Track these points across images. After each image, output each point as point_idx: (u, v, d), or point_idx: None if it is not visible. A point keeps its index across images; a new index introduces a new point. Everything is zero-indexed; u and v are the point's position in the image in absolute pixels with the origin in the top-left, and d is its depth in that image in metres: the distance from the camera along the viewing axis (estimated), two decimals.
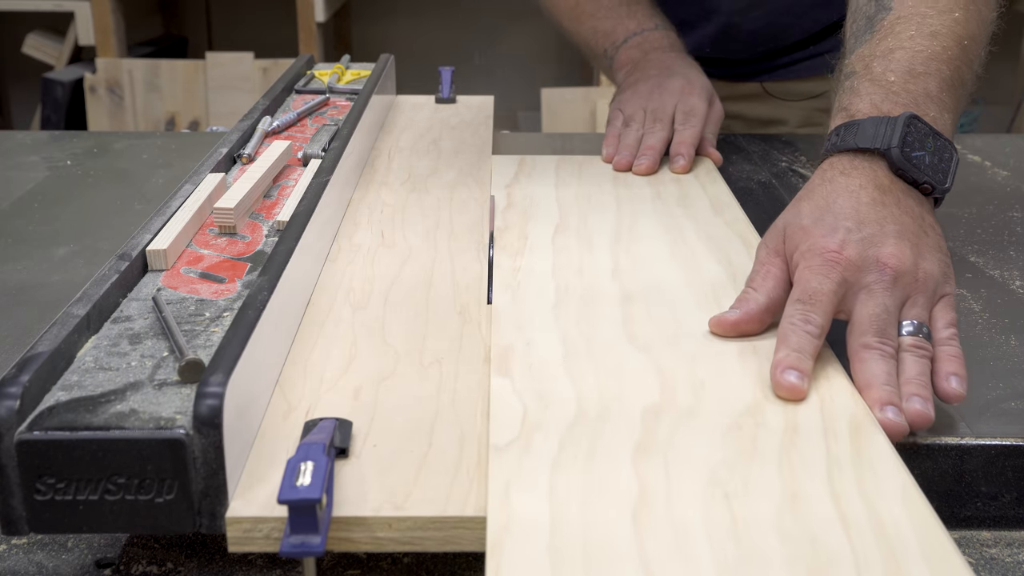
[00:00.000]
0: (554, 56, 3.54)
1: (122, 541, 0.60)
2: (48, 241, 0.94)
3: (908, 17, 0.78)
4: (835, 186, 0.71)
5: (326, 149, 0.94)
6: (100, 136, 1.31)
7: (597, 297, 0.75)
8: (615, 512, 0.51)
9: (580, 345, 0.68)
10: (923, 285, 0.67)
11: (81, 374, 0.57)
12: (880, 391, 0.61)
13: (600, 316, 0.72)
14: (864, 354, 0.63)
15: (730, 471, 0.54)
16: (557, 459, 0.55)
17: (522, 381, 0.63)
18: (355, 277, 0.79)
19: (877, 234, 0.67)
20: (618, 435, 0.57)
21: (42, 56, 3.14)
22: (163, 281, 0.69)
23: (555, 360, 0.66)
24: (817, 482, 0.54)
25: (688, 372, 0.64)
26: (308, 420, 0.59)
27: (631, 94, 1.11)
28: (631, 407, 0.60)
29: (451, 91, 1.29)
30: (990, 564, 0.61)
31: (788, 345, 0.63)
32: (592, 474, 0.54)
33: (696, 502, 0.52)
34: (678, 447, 0.56)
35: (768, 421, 0.59)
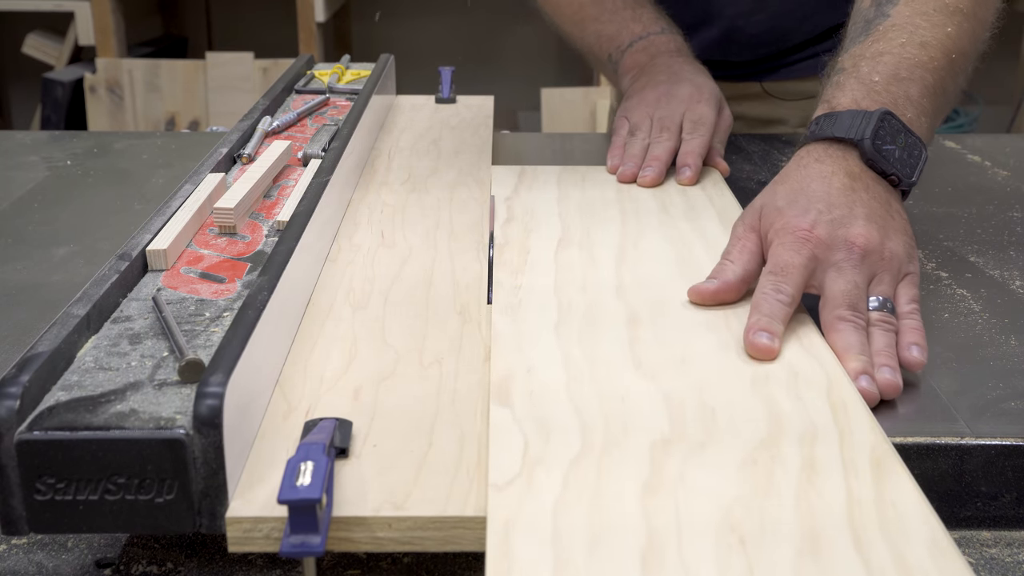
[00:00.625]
0: (554, 56, 3.54)
1: (122, 541, 0.60)
2: (48, 241, 0.94)
3: (902, 26, 0.82)
4: (809, 171, 0.76)
5: (326, 149, 0.94)
6: (100, 136, 1.31)
7: (601, 316, 0.72)
8: (623, 558, 0.48)
9: (584, 370, 0.65)
10: (888, 264, 0.72)
11: (81, 374, 0.57)
12: (856, 361, 0.66)
13: (605, 337, 0.69)
14: (839, 325, 0.68)
15: (745, 511, 0.51)
16: (561, 498, 0.52)
17: (523, 410, 0.60)
18: (355, 277, 0.79)
19: (847, 216, 0.72)
20: (625, 471, 0.54)
21: (42, 56, 3.14)
22: (163, 281, 0.69)
23: (558, 387, 0.63)
24: (839, 526, 0.50)
25: (698, 400, 0.61)
26: (308, 420, 0.59)
27: (637, 101, 1.08)
28: (639, 440, 0.57)
29: (451, 91, 1.29)
30: (990, 564, 0.61)
31: (760, 311, 0.68)
32: (598, 515, 0.51)
33: (709, 547, 0.48)
34: (689, 485, 0.53)
35: (785, 455, 0.56)
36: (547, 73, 3.50)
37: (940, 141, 1.28)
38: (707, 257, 0.81)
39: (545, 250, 0.83)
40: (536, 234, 0.87)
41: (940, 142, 1.28)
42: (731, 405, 0.61)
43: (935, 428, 0.63)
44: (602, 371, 0.65)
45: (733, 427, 0.58)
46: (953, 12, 0.83)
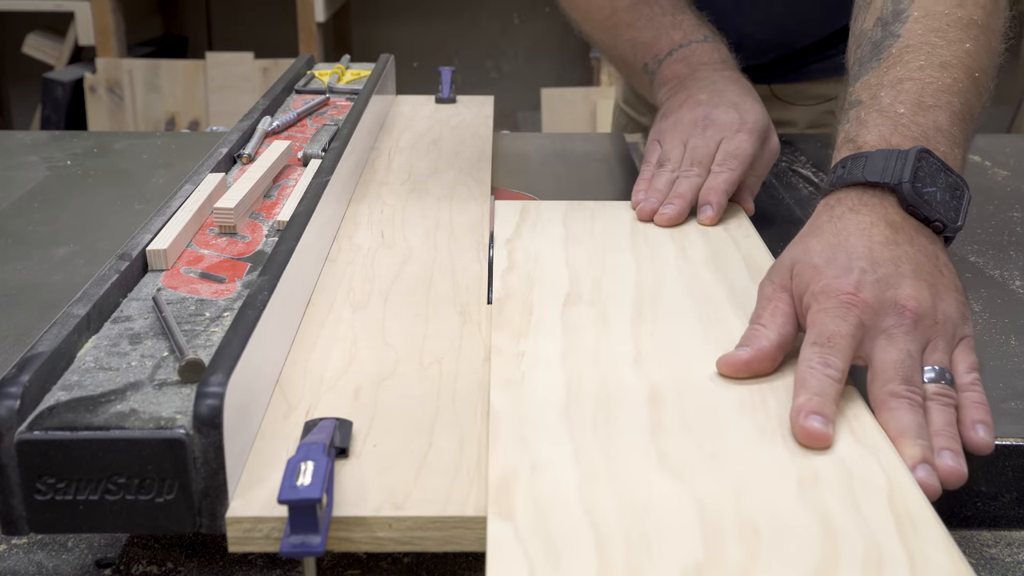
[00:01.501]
0: (554, 56, 3.54)
1: (122, 541, 0.60)
2: (48, 241, 0.94)
3: (917, 46, 0.76)
4: (845, 223, 0.68)
5: (326, 149, 0.94)
6: (100, 136, 1.31)
7: (617, 395, 0.62)
8: None
9: (599, 466, 0.55)
10: (943, 328, 0.64)
11: (81, 374, 0.57)
12: (913, 447, 0.57)
13: (622, 423, 0.59)
14: (892, 403, 0.59)
15: None
16: None
17: (527, 525, 0.50)
18: (355, 277, 0.79)
19: (893, 275, 0.64)
20: None
21: (42, 56, 3.14)
22: (163, 281, 0.69)
23: (568, 490, 0.53)
24: None
25: (735, 511, 0.51)
26: (308, 420, 0.59)
27: (672, 124, 0.96)
28: (667, 565, 0.47)
29: (451, 91, 1.29)
30: (990, 564, 0.61)
31: (809, 389, 0.59)
32: None
33: None
34: None
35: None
36: (547, 73, 3.50)
37: None
38: (735, 315, 0.71)
39: (551, 307, 0.73)
40: (540, 287, 0.76)
41: None
42: (776, 517, 0.51)
43: None
44: (620, 467, 0.55)
45: (780, 547, 0.48)
46: (968, 25, 0.77)
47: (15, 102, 3.59)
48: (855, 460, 0.56)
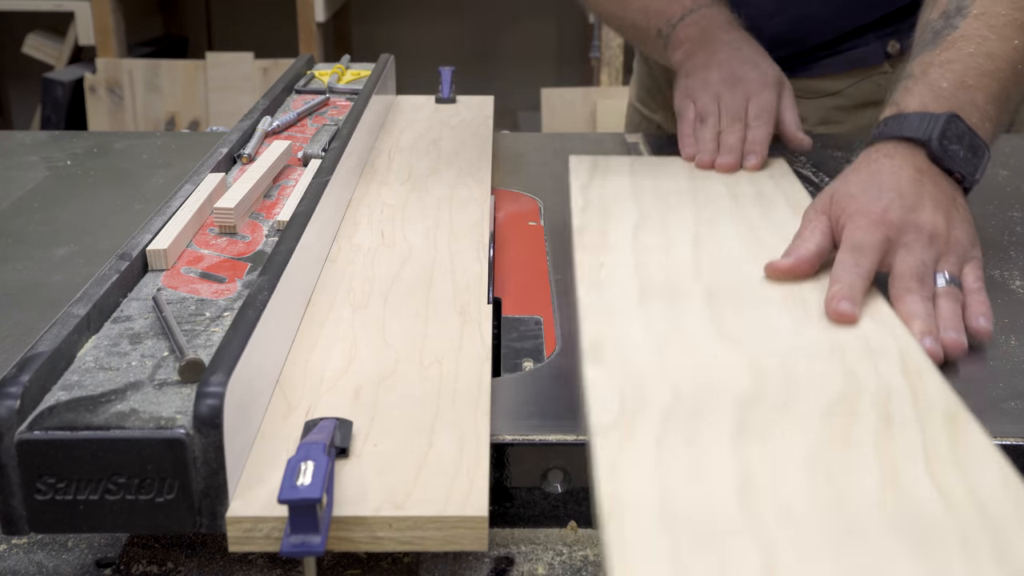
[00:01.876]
0: (554, 56, 3.54)
1: (122, 541, 0.60)
2: (48, 241, 0.94)
3: (970, 36, 0.87)
4: (880, 166, 0.81)
5: (326, 149, 0.94)
6: (100, 136, 1.31)
7: (682, 294, 0.75)
8: (721, 489, 0.52)
9: (670, 336, 0.68)
10: (954, 247, 0.77)
11: (81, 374, 0.57)
12: (922, 323, 0.70)
13: (686, 311, 0.72)
14: (906, 296, 0.73)
15: (828, 453, 0.55)
16: (660, 441, 0.56)
17: (616, 369, 0.64)
18: (355, 277, 0.79)
19: (916, 204, 0.77)
20: (716, 421, 0.58)
21: (42, 56, 3.14)
22: (163, 281, 0.69)
23: (646, 351, 0.67)
24: (915, 465, 0.54)
25: (780, 364, 0.65)
26: (308, 420, 0.59)
27: (702, 82, 1.09)
28: (725, 397, 0.61)
29: (451, 91, 1.29)
30: None
31: (841, 281, 0.73)
32: (694, 455, 0.55)
33: (799, 480, 0.53)
34: (776, 433, 0.57)
35: (862, 411, 0.60)
36: (547, 73, 3.50)
37: None
38: (778, 241, 0.83)
39: (623, 234, 0.86)
40: (613, 220, 0.90)
41: None
42: (810, 368, 0.64)
43: None
44: (687, 338, 0.69)
45: (813, 385, 0.62)
46: (1020, 27, 0.87)
47: (15, 102, 3.59)
48: (874, 335, 0.69)
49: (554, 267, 0.87)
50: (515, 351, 0.74)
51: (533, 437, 0.62)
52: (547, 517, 0.63)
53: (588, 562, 0.60)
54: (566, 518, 0.63)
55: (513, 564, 0.60)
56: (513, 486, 0.63)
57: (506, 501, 0.63)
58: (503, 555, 0.61)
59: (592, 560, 0.61)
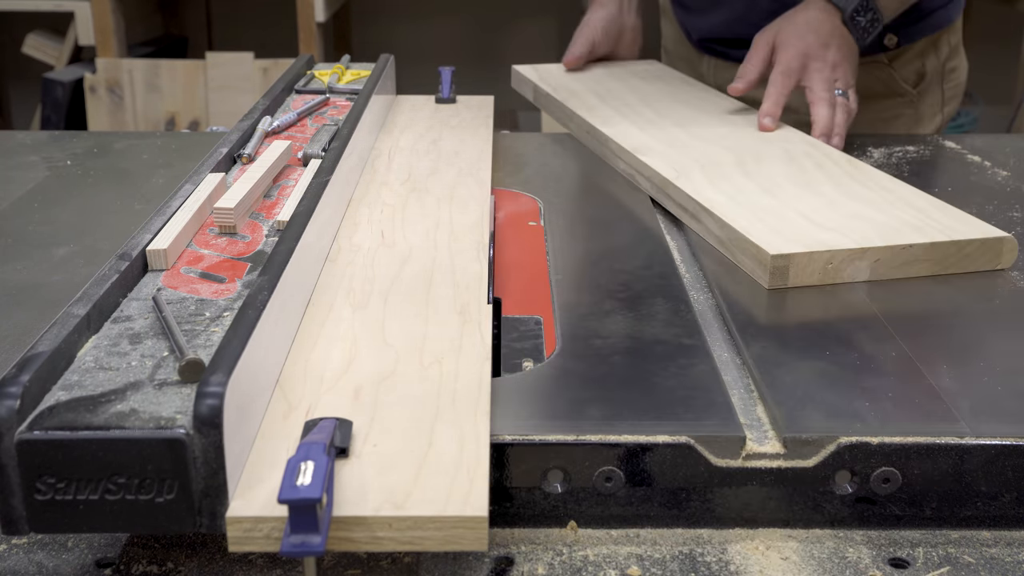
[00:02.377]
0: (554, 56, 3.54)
1: (122, 541, 0.60)
2: (48, 241, 0.94)
3: None
4: (809, 16, 1.21)
5: (326, 149, 0.94)
6: (100, 136, 1.31)
7: (717, 164, 1.05)
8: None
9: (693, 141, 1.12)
10: (845, 76, 1.19)
11: (81, 374, 0.57)
12: (823, 125, 1.16)
13: (724, 172, 1.03)
14: (819, 104, 1.16)
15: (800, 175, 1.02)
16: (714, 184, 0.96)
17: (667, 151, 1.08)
18: (355, 277, 0.79)
19: (826, 40, 1.19)
20: (731, 171, 1.04)
21: (42, 56, 3.14)
22: (163, 281, 0.69)
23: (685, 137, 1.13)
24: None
25: (750, 150, 1.09)
26: (308, 420, 0.59)
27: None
28: (728, 160, 1.07)
29: (451, 91, 1.29)
30: (990, 564, 0.61)
31: (769, 99, 1.17)
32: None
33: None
34: (766, 166, 1.04)
35: (802, 163, 1.05)
36: None
37: (940, 141, 1.28)
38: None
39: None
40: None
41: (940, 142, 1.28)
42: (770, 150, 1.09)
43: (935, 428, 0.63)
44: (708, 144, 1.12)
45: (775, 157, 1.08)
46: None
47: (15, 102, 3.59)
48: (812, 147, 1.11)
49: (554, 267, 0.87)
50: (515, 351, 0.74)
51: (533, 437, 0.62)
52: (547, 517, 0.63)
53: (588, 562, 0.60)
54: (566, 518, 0.64)
55: (513, 564, 0.60)
56: (513, 486, 0.63)
57: (506, 501, 0.63)
58: (503, 555, 0.61)
59: (592, 560, 0.61)
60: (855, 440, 0.62)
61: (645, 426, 0.63)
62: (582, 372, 0.70)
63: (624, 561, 0.61)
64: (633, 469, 0.63)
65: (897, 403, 0.67)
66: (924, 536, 0.64)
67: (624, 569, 0.60)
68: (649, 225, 0.98)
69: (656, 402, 0.66)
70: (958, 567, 0.61)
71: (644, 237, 0.95)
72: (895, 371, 0.71)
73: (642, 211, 1.01)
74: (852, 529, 0.64)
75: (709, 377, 0.69)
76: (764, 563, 0.61)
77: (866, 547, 0.62)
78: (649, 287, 0.84)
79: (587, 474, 0.63)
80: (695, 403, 0.66)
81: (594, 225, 0.97)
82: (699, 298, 0.85)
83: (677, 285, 0.84)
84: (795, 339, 0.76)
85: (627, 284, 0.84)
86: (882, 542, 0.63)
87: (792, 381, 0.70)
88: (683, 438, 0.62)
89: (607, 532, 0.63)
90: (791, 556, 0.61)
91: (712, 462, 0.63)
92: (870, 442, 0.62)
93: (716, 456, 0.63)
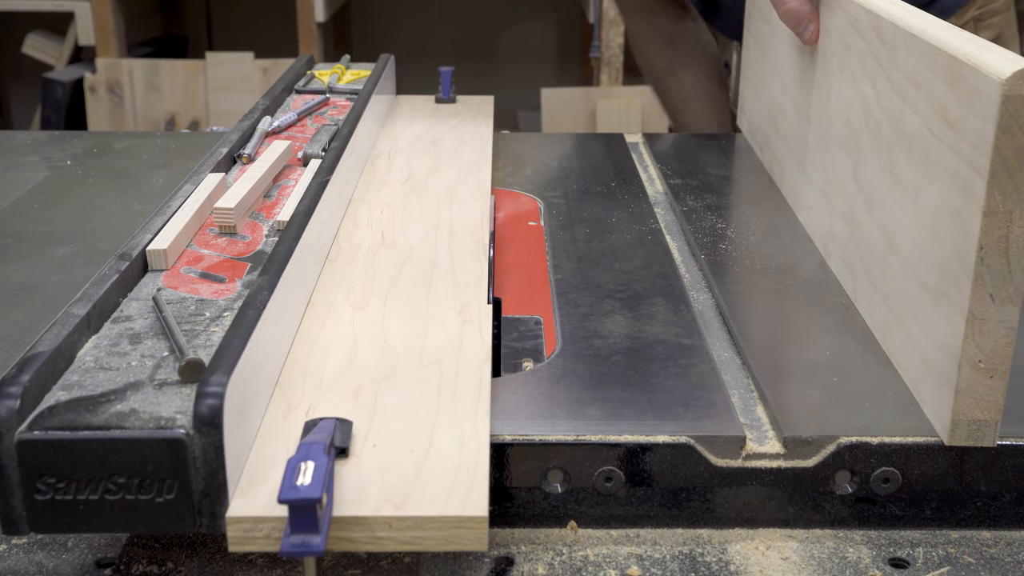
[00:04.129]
0: (554, 56, 3.54)
1: (122, 541, 0.60)
2: (48, 241, 0.94)
3: None
4: None
5: (326, 149, 0.94)
6: (100, 136, 1.31)
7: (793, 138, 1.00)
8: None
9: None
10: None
11: (81, 374, 0.57)
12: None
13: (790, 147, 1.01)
14: None
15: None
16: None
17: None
18: (355, 277, 0.79)
19: None
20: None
21: (42, 56, 3.14)
22: (163, 281, 0.69)
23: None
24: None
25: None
26: (308, 420, 0.59)
27: None
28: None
29: (451, 91, 1.29)
30: (990, 564, 0.61)
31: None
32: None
33: None
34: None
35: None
36: (547, 73, 3.50)
37: None
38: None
39: None
40: None
41: None
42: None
43: (935, 428, 0.63)
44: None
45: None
46: None
47: (15, 102, 3.59)
48: None
49: (554, 267, 0.87)
50: (515, 351, 0.74)
51: (533, 437, 0.62)
52: (547, 517, 0.64)
53: (588, 562, 0.60)
54: (566, 518, 0.64)
55: (513, 564, 0.60)
56: (513, 486, 0.63)
57: (506, 501, 0.63)
58: (503, 555, 0.61)
59: (592, 560, 0.61)
60: (855, 440, 0.62)
61: (645, 426, 0.63)
62: (582, 372, 0.70)
63: (624, 561, 0.61)
64: (633, 469, 0.63)
65: (897, 402, 0.67)
66: (924, 536, 0.64)
67: (624, 569, 0.60)
68: (649, 225, 0.98)
69: (656, 402, 0.66)
70: (958, 567, 0.61)
71: (644, 237, 0.95)
72: (895, 370, 0.71)
73: (642, 211, 1.01)
74: (852, 529, 0.64)
75: (709, 377, 0.69)
76: (764, 563, 0.61)
77: (866, 547, 0.62)
78: (649, 287, 0.84)
79: (587, 474, 0.63)
80: (695, 403, 0.66)
81: (594, 225, 0.97)
82: (699, 298, 0.85)
83: (677, 285, 0.84)
84: (795, 339, 0.76)
85: (627, 284, 0.84)
86: (882, 542, 0.63)
87: (792, 381, 0.70)
88: (683, 438, 0.62)
89: (607, 532, 0.63)
90: (791, 556, 0.61)
91: (712, 462, 0.63)
92: (870, 442, 0.62)
93: (716, 456, 0.63)
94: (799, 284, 0.84)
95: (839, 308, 0.80)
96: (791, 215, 0.98)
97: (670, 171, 1.13)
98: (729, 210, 1.01)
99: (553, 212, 1.00)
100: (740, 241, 0.93)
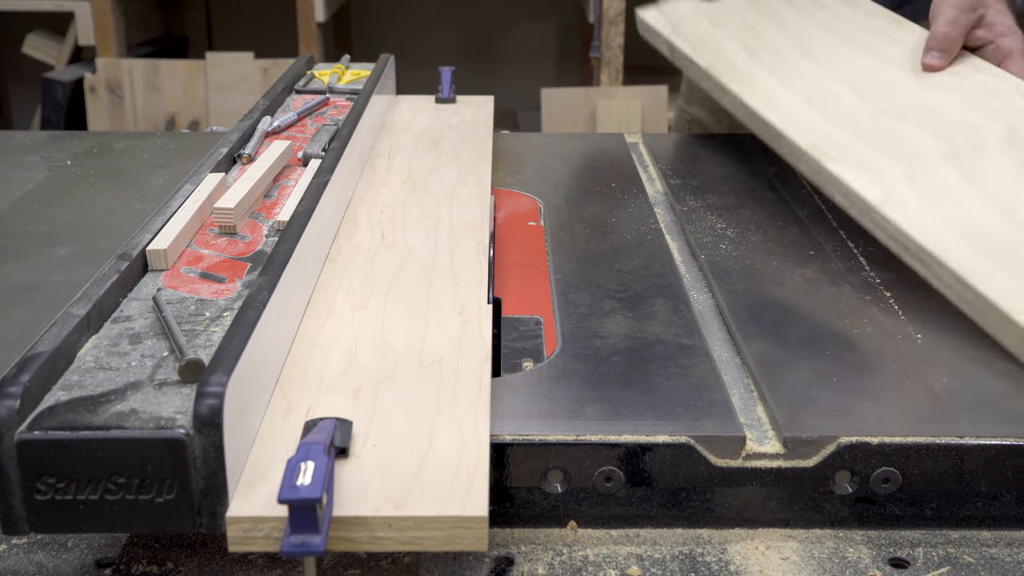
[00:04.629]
0: (554, 56, 3.54)
1: (122, 541, 0.60)
2: (48, 241, 0.94)
3: None
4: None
5: (326, 149, 0.94)
6: (100, 136, 1.31)
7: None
8: None
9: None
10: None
11: (81, 374, 0.57)
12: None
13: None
14: (1016, 56, 1.05)
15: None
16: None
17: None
18: (355, 277, 0.79)
19: (992, 5, 1.06)
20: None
21: (42, 56, 3.14)
22: (163, 281, 0.69)
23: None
24: None
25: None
26: (308, 420, 0.59)
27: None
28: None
29: (451, 91, 1.29)
30: (990, 564, 0.61)
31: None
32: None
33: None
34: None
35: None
36: (547, 73, 3.50)
37: None
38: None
39: None
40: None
41: None
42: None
43: (935, 428, 0.63)
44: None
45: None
46: None
47: (15, 102, 3.59)
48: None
49: (554, 267, 0.87)
50: (515, 351, 0.74)
51: (533, 437, 0.62)
52: (547, 517, 0.64)
53: (588, 562, 0.60)
54: (566, 518, 0.64)
55: (513, 564, 0.60)
56: (513, 486, 0.63)
57: (506, 501, 0.63)
58: (503, 555, 0.61)
59: (592, 560, 0.61)
60: (855, 440, 0.62)
61: (645, 426, 0.63)
62: (582, 372, 0.70)
63: (624, 561, 0.61)
64: (633, 469, 0.63)
65: (897, 402, 0.67)
66: (924, 536, 0.64)
67: (624, 569, 0.60)
68: (649, 225, 0.98)
69: (656, 402, 0.66)
70: (958, 567, 0.61)
71: (644, 237, 0.95)
72: (895, 370, 0.71)
73: (642, 211, 1.01)
74: (852, 529, 0.64)
75: (709, 377, 0.69)
76: (764, 563, 0.61)
77: (866, 547, 0.62)
78: (649, 287, 0.84)
79: (587, 474, 0.63)
80: (695, 403, 0.66)
81: (594, 225, 0.97)
82: (699, 298, 0.85)
83: (677, 285, 0.84)
84: (795, 339, 0.76)
85: (627, 284, 0.84)
86: (882, 542, 0.63)
87: (792, 381, 0.70)
88: (683, 438, 0.62)
89: (607, 532, 0.63)
90: (791, 556, 0.61)
91: (712, 462, 0.63)
92: (870, 442, 0.62)
93: (716, 456, 0.63)
94: (799, 284, 0.84)
95: (839, 308, 0.80)
96: (790, 212, 0.98)
97: (670, 171, 1.13)
98: (729, 210, 1.01)
99: (553, 212, 1.00)
100: (740, 241, 0.93)
